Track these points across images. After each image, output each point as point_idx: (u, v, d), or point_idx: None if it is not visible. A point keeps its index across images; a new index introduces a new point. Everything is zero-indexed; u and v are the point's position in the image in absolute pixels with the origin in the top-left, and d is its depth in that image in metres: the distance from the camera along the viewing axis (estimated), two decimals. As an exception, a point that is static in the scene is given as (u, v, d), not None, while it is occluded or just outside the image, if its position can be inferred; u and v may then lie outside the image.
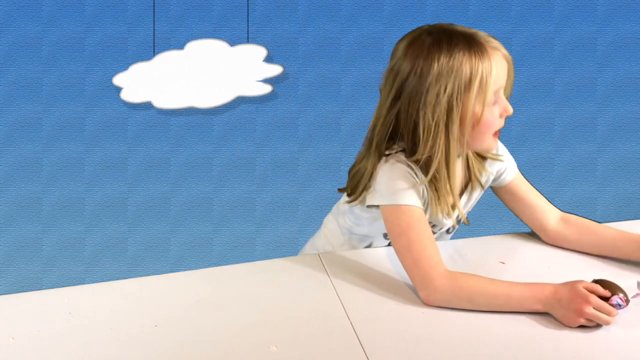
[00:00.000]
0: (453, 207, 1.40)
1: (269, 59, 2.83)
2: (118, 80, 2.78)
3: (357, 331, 1.20)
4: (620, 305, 1.22)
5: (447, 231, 1.52)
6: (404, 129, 1.36)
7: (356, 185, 1.42)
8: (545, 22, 3.13)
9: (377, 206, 1.38)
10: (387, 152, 1.39)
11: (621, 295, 1.23)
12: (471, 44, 1.32)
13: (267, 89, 2.83)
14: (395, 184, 1.35)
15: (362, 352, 1.14)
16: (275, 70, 2.83)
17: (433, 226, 1.45)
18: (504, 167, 1.52)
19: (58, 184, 2.96)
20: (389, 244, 1.47)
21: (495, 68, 1.33)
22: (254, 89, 2.83)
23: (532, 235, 1.57)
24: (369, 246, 1.52)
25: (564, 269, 1.39)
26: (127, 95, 2.80)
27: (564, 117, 3.10)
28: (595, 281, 1.26)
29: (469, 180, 1.47)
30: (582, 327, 1.20)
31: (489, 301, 1.26)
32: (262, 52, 2.81)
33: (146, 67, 2.78)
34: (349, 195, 1.44)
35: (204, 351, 1.15)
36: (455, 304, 1.27)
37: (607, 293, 1.22)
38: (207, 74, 2.81)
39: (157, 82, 2.79)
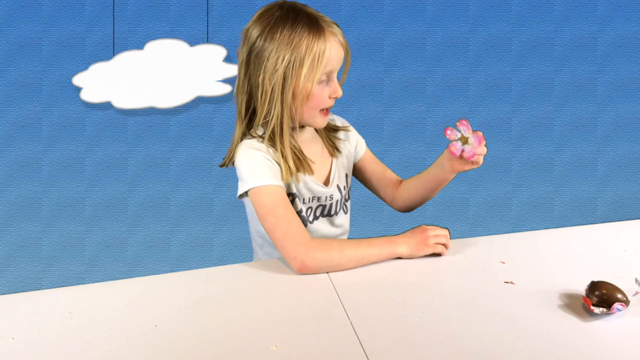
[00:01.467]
0: (295, 173, 1.52)
1: (228, 59, 2.85)
2: (78, 80, 2.79)
3: (357, 331, 1.20)
4: (620, 309, 1.23)
5: (341, 209, 1.64)
6: (250, 92, 1.52)
7: (228, 154, 1.58)
8: (545, 22, 3.13)
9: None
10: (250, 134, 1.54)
11: (619, 295, 1.24)
12: (313, 25, 1.47)
13: (226, 88, 2.84)
14: (252, 167, 1.48)
15: (362, 352, 1.15)
16: (235, 70, 2.84)
17: (318, 199, 1.58)
18: (355, 141, 1.70)
19: (58, 184, 2.96)
20: None
21: (329, 50, 1.47)
22: (213, 88, 2.85)
23: (532, 236, 1.57)
24: None
25: (564, 269, 1.39)
26: (86, 95, 2.81)
27: (564, 117, 3.10)
28: (594, 283, 1.26)
29: (332, 149, 1.64)
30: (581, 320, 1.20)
31: (354, 253, 1.39)
32: (221, 52, 2.83)
33: (106, 67, 2.79)
34: (225, 165, 1.59)
35: (204, 351, 1.15)
36: (328, 262, 1.38)
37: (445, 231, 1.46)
38: (167, 74, 2.82)
39: (117, 82, 2.80)
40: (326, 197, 1.59)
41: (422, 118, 2.98)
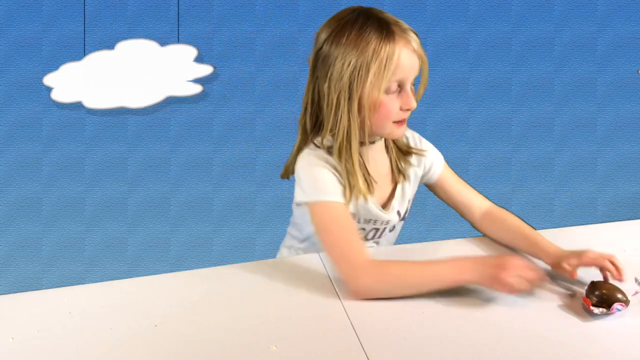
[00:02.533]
0: (365, 193, 1.42)
1: (199, 59, 2.85)
2: (48, 80, 2.79)
3: (357, 331, 1.20)
4: (619, 310, 1.23)
5: (390, 230, 1.54)
6: (318, 103, 1.40)
7: (287, 166, 1.49)
8: (545, 22, 3.13)
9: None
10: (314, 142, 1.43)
11: (619, 295, 1.24)
12: (383, 28, 1.35)
13: (197, 88, 2.84)
14: (317, 180, 1.38)
15: (362, 352, 1.14)
16: (206, 70, 2.85)
17: (374, 222, 1.48)
18: (430, 163, 1.57)
19: (58, 184, 2.96)
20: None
21: (399, 57, 1.34)
22: (184, 88, 2.85)
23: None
24: None
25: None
26: (57, 95, 2.81)
27: (564, 117, 3.10)
28: (593, 283, 1.26)
29: (398, 173, 1.51)
30: (587, 319, 1.20)
31: (416, 281, 1.29)
32: (192, 52, 2.83)
33: (76, 67, 2.79)
34: (286, 176, 1.50)
35: (204, 351, 1.15)
36: (384, 290, 1.30)
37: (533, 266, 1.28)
38: (138, 73, 2.82)
39: (88, 82, 2.80)
40: (382, 222, 1.50)
41: (422, 118, 2.97)
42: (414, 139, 1.57)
